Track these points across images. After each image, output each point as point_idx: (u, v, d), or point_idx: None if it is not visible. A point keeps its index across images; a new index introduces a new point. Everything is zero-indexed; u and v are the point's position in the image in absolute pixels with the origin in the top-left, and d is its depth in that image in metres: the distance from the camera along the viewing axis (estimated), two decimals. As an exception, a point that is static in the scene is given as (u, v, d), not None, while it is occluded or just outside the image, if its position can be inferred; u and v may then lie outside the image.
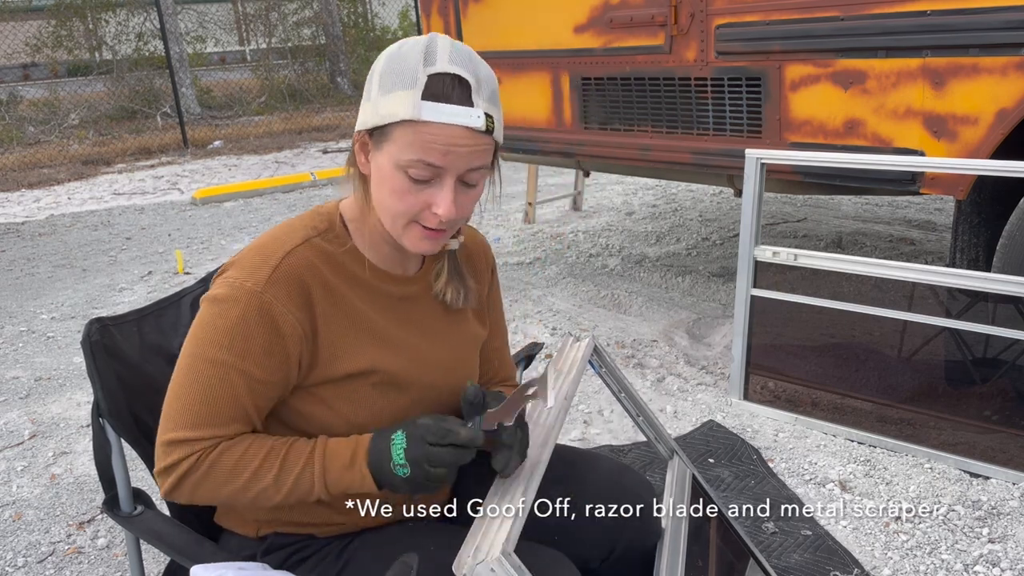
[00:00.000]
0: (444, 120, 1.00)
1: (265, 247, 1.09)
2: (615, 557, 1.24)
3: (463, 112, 1.00)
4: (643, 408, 1.39)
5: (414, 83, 1.00)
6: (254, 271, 1.06)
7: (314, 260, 1.10)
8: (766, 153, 2.53)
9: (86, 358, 1.23)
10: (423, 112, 0.99)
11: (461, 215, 1.08)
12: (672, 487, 1.38)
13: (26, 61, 14.80)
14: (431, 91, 1.00)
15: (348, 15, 14.55)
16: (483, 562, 0.84)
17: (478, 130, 1.01)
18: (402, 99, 1.00)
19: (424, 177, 1.03)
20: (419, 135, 1.00)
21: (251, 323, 1.04)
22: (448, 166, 1.02)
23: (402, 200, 1.05)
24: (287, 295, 1.06)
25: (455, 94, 1.00)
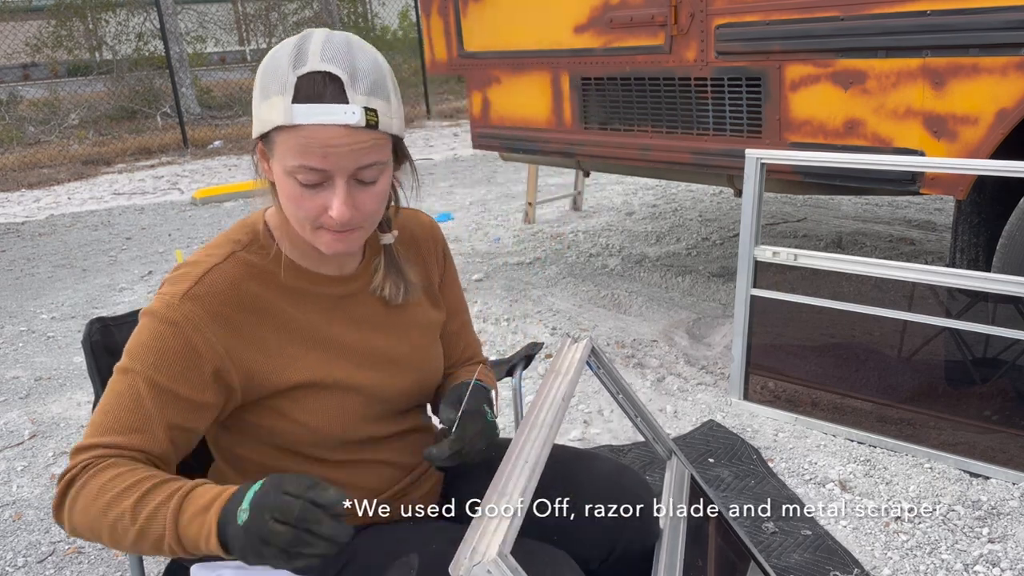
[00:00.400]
0: (317, 121, 0.96)
1: (190, 263, 1.08)
2: (614, 558, 1.24)
3: (337, 110, 0.96)
4: (641, 409, 1.39)
5: (285, 87, 0.97)
6: (175, 286, 1.05)
7: (238, 276, 1.08)
8: (766, 153, 2.53)
9: (86, 358, 1.23)
10: (295, 116, 0.96)
11: (364, 214, 1.05)
12: (670, 487, 1.38)
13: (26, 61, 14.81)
14: (302, 92, 0.97)
15: (348, 15, 14.56)
16: (480, 563, 0.83)
17: (357, 126, 0.98)
18: (276, 105, 0.98)
19: (313, 181, 1.00)
20: (296, 139, 0.98)
21: (166, 337, 1.02)
22: (331, 167, 0.99)
23: (299, 206, 1.02)
24: (204, 312, 1.04)
25: (328, 92, 0.97)
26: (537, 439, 1.16)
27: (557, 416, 1.18)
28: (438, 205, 6.01)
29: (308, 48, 0.99)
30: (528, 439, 1.19)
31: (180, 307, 1.03)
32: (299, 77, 0.97)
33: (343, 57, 0.98)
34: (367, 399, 1.16)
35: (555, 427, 1.18)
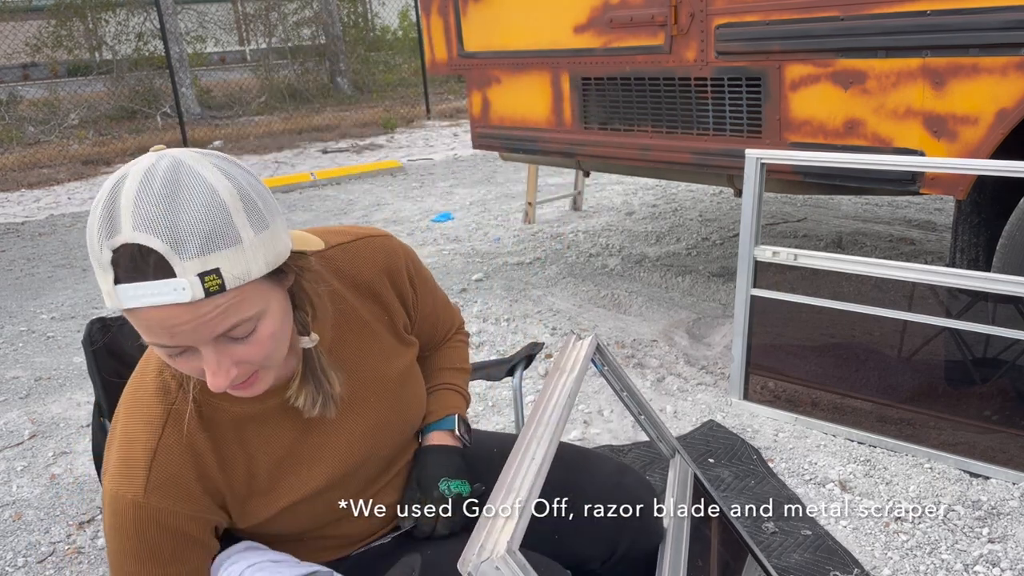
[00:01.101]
0: (145, 304, 0.82)
1: (129, 442, 0.98)
2: (616, 558, 1.24)
3: (164, 288, 0.81)
4: (645, 407, 1.40)
5: (103, 265, 0.82)
6: (128, 478, 0.97)
7: (186, 442, 0.99)
8: (766, 153, 2.53)
9: (86, 358, 1.24)
10: (122, 300, 0.82)
11: (255, 363, 0.92)
12: (674, 486, 1.38)
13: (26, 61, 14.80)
14: (121, 270, 0.81)
15: (348, 15, 14.55)
16: (488, 560, 0.83)
17: (194, 301, 0.82)
18: (103, 283, 0.83)
19: (176, 353, 0.88)
20: (136, 320, 0.85)
21: (147, 531, 0.97)
22: (184, 343, 0.86)
23: (179, 368, 0.91)
24: (174, 498, 0.98)
25: (149, 267, 0.81)
26: (544, 436, 1.16)
27: (563, 413, 1.18)
28: (438, 205, 6.01)
29: (119, 210, 0.81)
30: (535, 436, 1.19)
31: (148, 503, 0.96)
32: (114, 251, 0.81)
33: (160, 217, 0.81)
34: (353, 480, 1.14)
35: (561, 424, 1.18)
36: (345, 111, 11.67)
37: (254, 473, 1.05)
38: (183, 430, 0.99)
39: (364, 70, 13.90)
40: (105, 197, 0.83)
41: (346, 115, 11.26)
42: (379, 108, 11.55)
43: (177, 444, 0.99)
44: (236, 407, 1.03)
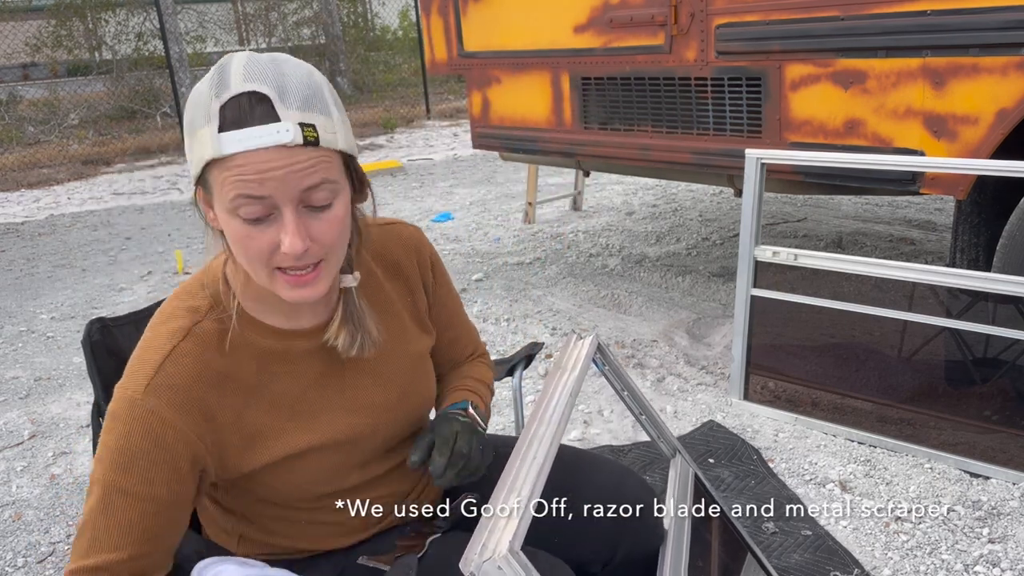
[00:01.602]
0: (246, 147, 0.86)
1: (145, 347, 1.00)
2: (617, 561, 1.24)
3: (268, 131, 0.87)
4: (646, 407, 1.39)
5: (209, 117, 0.88)
6: (134, 378, 0.97)
7: (200, 354, 0.99)
8: (766, 153, 2.53)
9: (86, 358, 1.23)
10: (223, 145, 0.87)
11: (323, 246, 0.94)
12: (675, 486, 1.38)
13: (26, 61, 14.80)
14: (228, 119, 0.87)
15: (348, 15, 14.55)
16: (490, 560, 0.83)
17: (292, 145, 0.88)
18: (203, 139, 0.88)
19: (256, 215, 0.90)
20: (230, 171, 0.88)
21: (133, 439, 0.95)
22: (273, 194, 0.89)
23: (247, 247, 0.92)
24: (168, 404, 0.96)
25: (256, 113, 0.87)
26: (545, 435, 1.16)
27: (564, 412, 1.18)
28: (438, 205, 6.01)
29: (229, 71, 0.89)
30: (536, 435, 1.19)
31: (143, 403, 0.95)
32: (223, 104, 0.88)
33: (269, 73, 0.89)
34: (353, 451, 1.11)
35: (563, 423, 1.18)
36: (345, 111, 11.65)
37: (261, 412, 1.03)
38: (202, 346, 1.00)
39: (364, 70, 13.90)
40: (214, 71, 0.91)
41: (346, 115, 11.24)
42: (379, 108, 11.55)
43: (191, 356, 0.99)
44: (266, 340, 1.04)
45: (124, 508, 0.95)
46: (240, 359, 1.02)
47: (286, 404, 1.05)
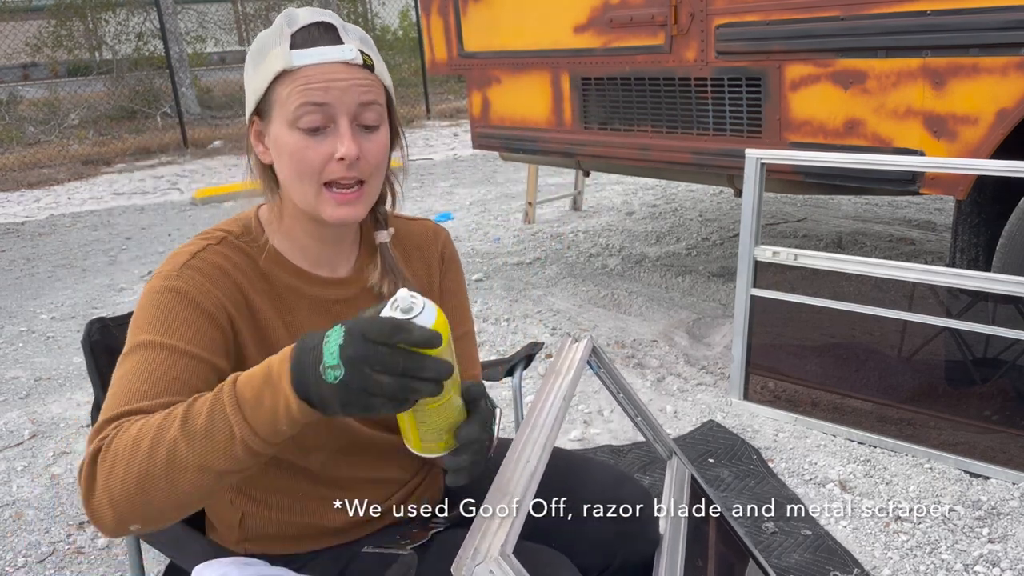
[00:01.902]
0: (315, 60, 1.00)
1: (180, 248, 1.07)
2: (614, 567, 1.24)
3: (333, 49, 1.01)
4: (641, 408, 1.39)
5: (281, 40, 1.01)
6: (168, 265, 1.03)
7: (233, 257, 1.06)
8: (766, 153, 2.53)
9: (86, 358, 1.23)
10: (294, 59, 1.00)
11: (370, 163, 1.04)
12: (671, 488, 1.38)
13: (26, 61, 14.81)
14: (298, 41, 1.01)
15: (348, 15, 14.55)
16: (482, 564, 0.83)
17: (354, 63, 1.01)
18: (273, 57, 1.01)
19: (316, 124, 1.00)
20: (297, 82, 1.00)
21: (168, 302, 0.99)
22: (334, 101, 1.00)
23: (304, 159, 1.01)
24: (206, 277, 1.02)
25: (323, 37, 1.01)
26: (538, 439, 1.16)
27: (558, 416, 1.18)
28: (438, 205, 6.01)
29: (297, 12, 1.04)
30: (529, 439, 1.18)
31: (180, 275, 1.01)
32: (294, 32, 1.01)
33: (333, 15, 1.04)
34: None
35: (556, 427, 1.18)
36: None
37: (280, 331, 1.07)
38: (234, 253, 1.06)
39: (364, 70, 13.87)
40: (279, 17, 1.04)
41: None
42: (379, 108, 11.53)
43: (223, 256, 1.05)
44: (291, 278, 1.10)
45: (162, 364, 0.95)
46: (260, 287, 1.08)
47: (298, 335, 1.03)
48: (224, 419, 0.82)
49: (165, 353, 0.95)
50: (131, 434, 0.85)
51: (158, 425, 0.84)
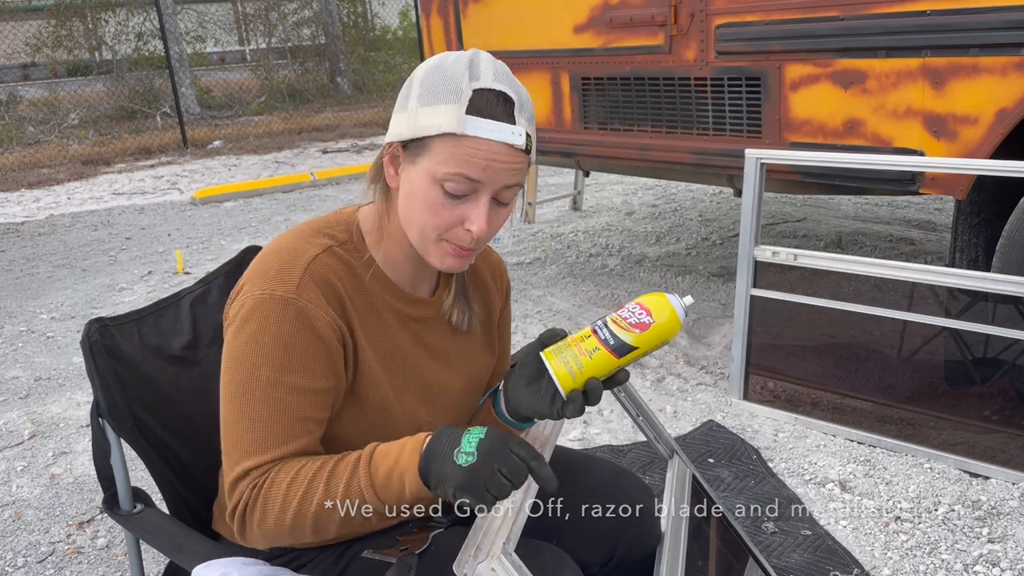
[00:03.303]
0: (487, 136, 0.98)
1: (286, 253, 1.05)
2: (615, 561, 1.24)
3: (507, 129, 0.99)
4: (643, 408, 1.39)
5: (459, 97, 0.98)
6: (282, 279, 1.02)
7: (338, 270, 1.07)
8: (766, 153, 2.53)
9: (86, 358, 1.23)
10: (467, 127, 0.98)
11: (490, 233, 1.06)
12: (672, 487, 1.38)
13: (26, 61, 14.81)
14: (476, 106, 0.98)
15: (348, 15, 14.55)
16: (484, 562, 0.84)
17: (518, 148, 1.00)
18: (446, 112, 0.98)
19: (460, 192, 1.00)
20: (461, 149, 0.98)
21: (290, 332, 1.00)
22: (487, 181, 1.00)
23: (436, 215, 1.02)
24: (320, 297, 1.03)
25: (499, 111, 0.99)
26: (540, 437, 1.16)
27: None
28: (438, 205, 6.00)
29: (480, 66, 1.01)
30: (530, 437, 1.19)
31: (300, 294, 1.01)
32: (475, 91, 0.99)
33: (512, 82, 1.03)
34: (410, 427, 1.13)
35: (558, 425, 1.18)
36: (345, 111, 11.68)
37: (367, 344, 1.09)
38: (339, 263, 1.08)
39: (364, 70, 13.90)
40: (466, 56, 1.02)
41: (346, 115, 11.26)
42: (379, 108, 11.55)
43: (330, 268, 1.06)
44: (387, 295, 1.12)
45: (290, 403, 1.00)
46: (360, 292, 1.10)
47: (384, 351, 1.11)
48: (358, 486, 0.96)
49: (292, 393, 1.00)
50: (279, 492, 0.98)
51: (308, 481, 0.97)
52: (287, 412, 1.00)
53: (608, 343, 1.00)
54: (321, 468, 0.98)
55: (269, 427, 0.99)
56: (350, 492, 0.96)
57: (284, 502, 0.97)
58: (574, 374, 0.99)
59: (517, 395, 1.08)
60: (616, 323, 1.02)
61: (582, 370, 1.00)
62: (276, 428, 1.00)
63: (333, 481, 0.97)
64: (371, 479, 0.95)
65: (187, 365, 1.35)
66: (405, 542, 1.16)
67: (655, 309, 1.02)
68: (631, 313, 1.03)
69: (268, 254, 1.07)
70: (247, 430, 1.00)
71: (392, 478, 0.95)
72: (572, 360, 1.00)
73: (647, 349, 1.02)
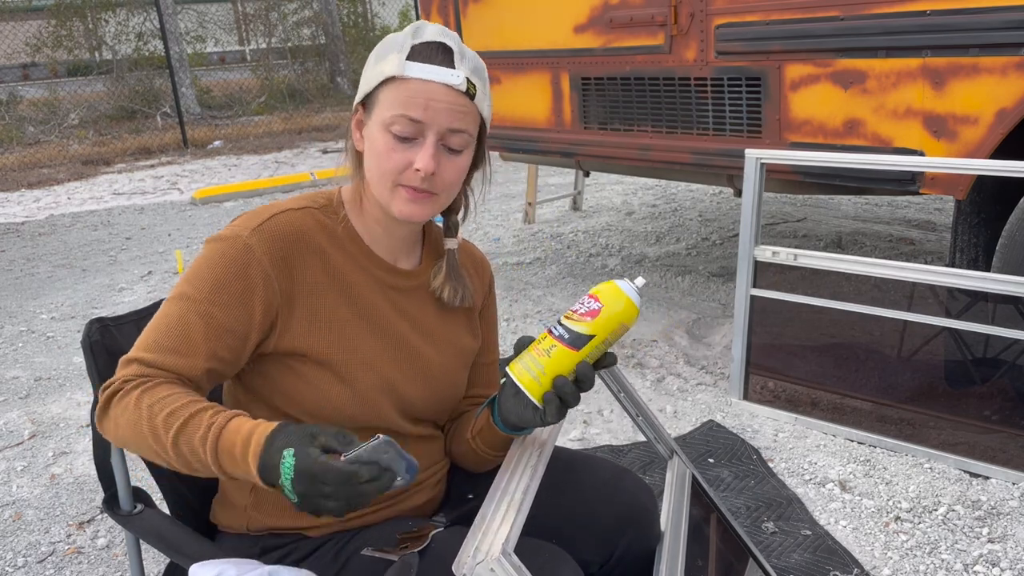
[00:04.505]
0: (427, 77, 1.06)
1: (265, 207, 1.13)
2: (614, 560, 1.24)
3: (444, 71, 1.07)
4: (642, 408, 1.39)
5: (401, 48, 1.08)
6: (246, 220, 1.10)
7: (309, 225, 1.13)
8: (766, 153, 2.53)
9: (86, 358, 1.23)
10: (406, 70, 1.06)
11: (444, 182, 1.11)
12: (672, 487, 1.38)
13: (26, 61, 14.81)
14: (415, 53, 1.07)
15: (348, 15, 14.56)
16: (483, 562, 0.83)
17: (458, 89, 1.07)
18: (390, 61, 1.08)
19: (407, 133, 1.07)
20: (402, 91, 1.06)
21: (227, 266, 1.07)
22: (428, 121, 1.07)
23: (388, 159, 1.08)
24: (268, 250, 1.08)
25: (439, 58, 1.07)
26: (539, 437, 1.16)
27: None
28: (438, 205, 6.00)
29: (425, 26, 1.11)
30: (530, 437, 1.19)
31: (248, 238, 1.08)
32: (415, 43, 1.08)
33: (455, 39, 1.10)
34: (386, 391, 1.16)
35: (557, 425, 1.18)
36: (345, 111, 11.67)
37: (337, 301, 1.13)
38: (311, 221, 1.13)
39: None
40: (410, 26, 1.11)
41: (346, 115, 11.20)
42: (379, 108, 11.53)
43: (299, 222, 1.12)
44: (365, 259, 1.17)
45: (198, 327, 1.05)
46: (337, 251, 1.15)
47: (360, 309, 1.15)
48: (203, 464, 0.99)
49: (201, 317, 1.06)
50: (141, 407, 1.01)
51: (162, 420, 1.00)
52: (190, 329, 1.06)
53: (563, 338, 1.03)
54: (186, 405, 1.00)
55: (170, 334, 1.06)
56: (193, 449, 0.98)
57: (136, 421, 1.01)
58: (537, 377, 1.02)
59: (506, 407, 1.13)
60: (569, 318, 1.05)
61: (543, 371, 1.02)
62: (175, 337, 1.05)
63: (183, 431, 0.99)
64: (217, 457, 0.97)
65: (187, 365, 1.35)
66: (405, 540, 1.16)
67: (604, 295, 1.05)
68: (581, 304, 1.06)
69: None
70: (155, 328, 1.07)
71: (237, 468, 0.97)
72: (532, 364, 1.03)
73: (605, 335, 1.04)
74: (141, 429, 1.01)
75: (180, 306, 1.07)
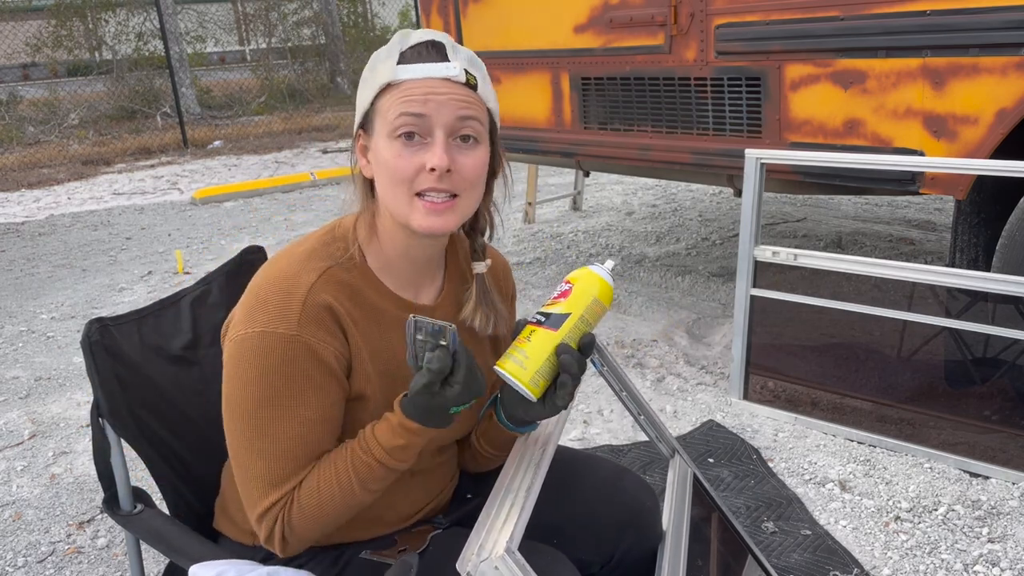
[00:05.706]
0: (419, 75, 1.03)
1: (283, 283, 1.05)
2: (616, 560, 1.24)
3: (438, 65, 1.04)
4: (644, 407, 1.39)
5: (390, 55, 1.05)
6: (282, 314, 1.03)
7: (337, 294, 1.07)
8: (766, 153, 2.53)
9: (86, 358, 1.23)
10: (399, 73, 1.03)
11: (463, 179, 1.05)
12: (674, 486, 1.38)
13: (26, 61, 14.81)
14: (406, 57, 1.04)
15: (348, 15, 14.55)
16: (487, 560, 0.84)
17: (457, 80, 1.04)
18: (381, 71, 1.05)
19: (412, 129, 1.02)
20: (400, 94, 1.03)
21: (297, 369, 1.02)
22: (431, 113, 1.02)
23: (397, 167, 1.03)
24: (321, 329, 1.04)
25: (430, 54, 1.04)
26: (541, 437, 1.16)
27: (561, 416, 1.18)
28: (438, 205, 6.00)
29: (412, 32, 1.08)
30: (532, 437, 1.19)
31: (301, 329, 1.02)
32: (404, 49, 1.05)
33: (446, 37, 1.08)
34: None
35: (560, 424, 1.18)
36: (345, 111, 11.67)
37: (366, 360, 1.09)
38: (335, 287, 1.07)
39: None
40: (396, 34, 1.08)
41: (346, 115, 11.26)
42: (379, 108, 11.53)
43: (326, 294, 1.06)
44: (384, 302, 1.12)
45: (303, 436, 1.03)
46: (361, 308, 1.09)
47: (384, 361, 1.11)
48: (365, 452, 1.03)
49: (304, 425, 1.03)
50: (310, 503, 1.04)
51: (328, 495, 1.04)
52: (300, 443, 1.03)
53: (542, 323, 1.06)
54: (329, 462, 1.04)
55: (285, 461, 1.03)
56: (356, 464, 1.02)
57: (319, 508, 1.03)
58: (523, 363, 1.04)
59: (509, 403, 1.11)
60: (545, 305, 1.09)
61: (528, 357, 1.04)
62: (292, 460, 1.03)
63: (343, 471, 1.02)
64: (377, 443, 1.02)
65: (187, 365, 1.35)
66: (404, 543, 1.16)
67: (575, 277, 1.11)
68: (555, 291, 1.11)
69: (265, 283, 1.06)
70: (266, 468, 1.03)
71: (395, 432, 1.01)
72: (517, 353, 1.05)
73: (580, 311, 1.07)
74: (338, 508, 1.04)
75: (276, 430, 1.03)
